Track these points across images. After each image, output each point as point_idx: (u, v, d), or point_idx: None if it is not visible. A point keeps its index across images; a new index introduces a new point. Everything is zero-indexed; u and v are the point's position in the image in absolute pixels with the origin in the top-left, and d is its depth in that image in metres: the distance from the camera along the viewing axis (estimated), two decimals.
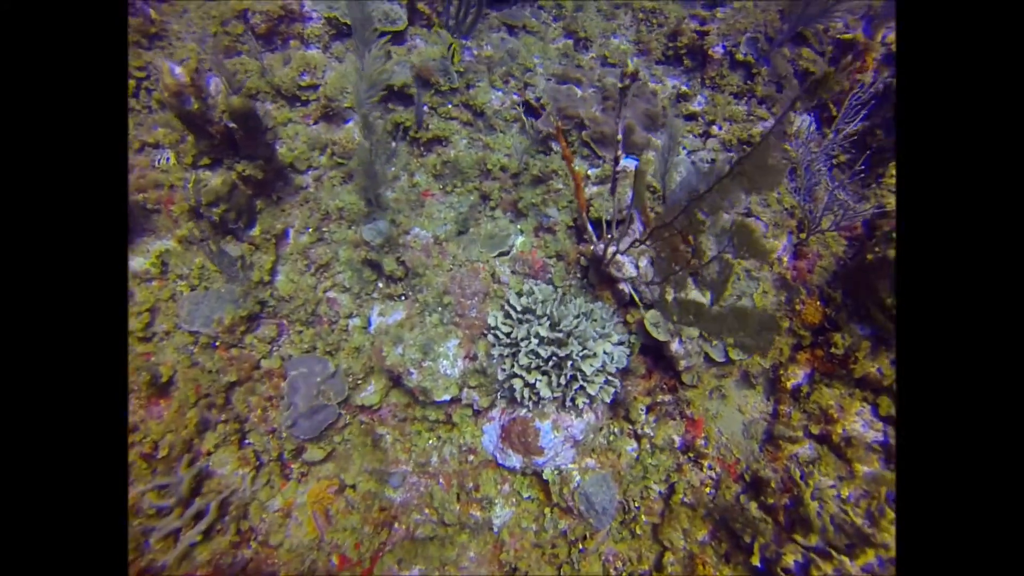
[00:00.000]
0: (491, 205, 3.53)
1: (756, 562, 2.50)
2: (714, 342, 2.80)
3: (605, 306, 2.84)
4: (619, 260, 2.75)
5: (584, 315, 2.69)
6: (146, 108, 3.67)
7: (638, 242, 2.35)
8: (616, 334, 2.72)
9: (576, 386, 2.59)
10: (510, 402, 2.81)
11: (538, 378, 2.61)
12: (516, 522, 2.86)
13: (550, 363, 2.59)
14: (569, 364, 2.55)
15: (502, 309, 2.84)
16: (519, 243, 3.23)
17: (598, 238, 3.00)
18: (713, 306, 2.04)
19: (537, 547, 2.83)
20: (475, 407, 2.89)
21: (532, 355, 2.60)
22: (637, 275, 2.78)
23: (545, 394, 2.60)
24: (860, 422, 2.69)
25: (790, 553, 2.42)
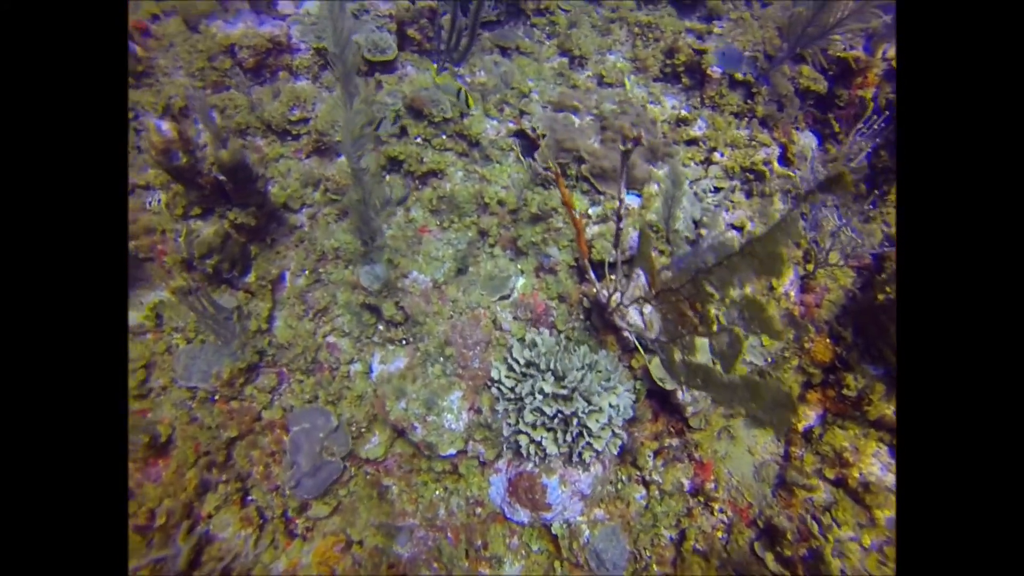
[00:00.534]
0: (490, 242, 3.45)
1: None
2: None
3: (609, 355, 2.78)
4: (623, 309, 2.68)
5: (588, 366, 2.63)
6: (135, 148, 3.59)
7: (643, 299, 2.28)
8: (621, 385, 2.66)
9: (583, 442, 2.54)
10: (516, 454, 2.76)
11: (544, 435, 2.56)
12: None
13: (556, 420, 2.54)
14: (575, 422, 2.49)
15: (505, 362, 2.78)
16: (520, 285, 3.16)
17: (600, 279, 2.94)
18: (724, 374, 1.98)
19: None
20: (481, 459, 2.84)
21: (537, 412, 2.55)
22: (643, 324, 2.71)
23: (551, 451, 2.55)
24: (878, 465, 2.64)
25: None
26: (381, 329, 3.33)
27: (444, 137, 3.81)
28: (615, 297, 2.63)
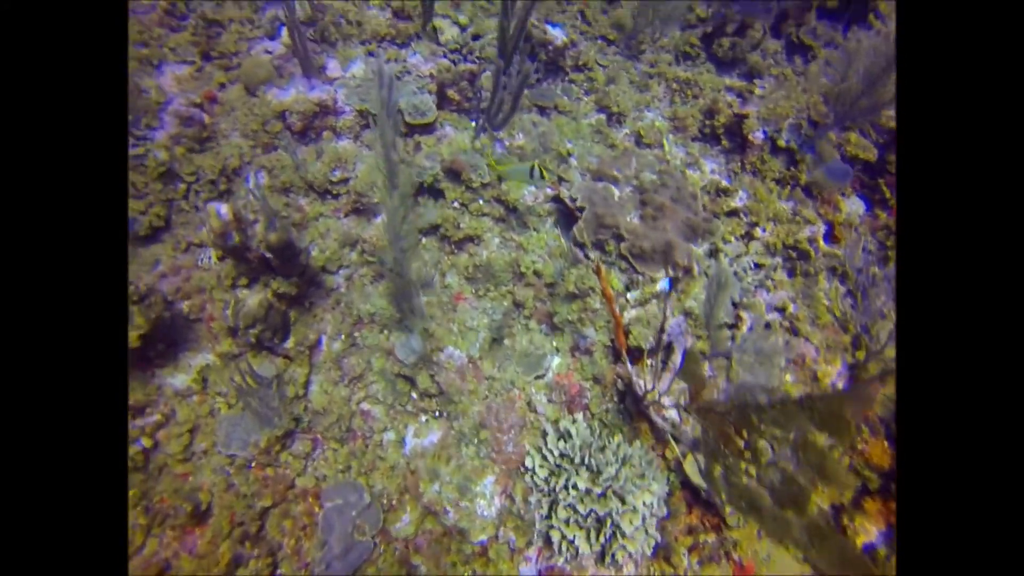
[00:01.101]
0: (525, 314, 3.45)
1: None
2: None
3: (643, 446, 2.73)
4: (660, 402, 2.64)
5: (623, 460, 2.59)
6: (193, 208, 3.73)
7: (683, 408, 2.24)
8: (656, 483, 2.61)
9: (617, 545, 2.49)
10: (547, 544, 2.73)
11: (576, 533, 2.52)
12: None
13: (589, 519, 2.50)
14: (609, 523, 2.45)
15: (539, 451, 2.76)
16: (555, 364, 3.14)
17: (634, 363, 2.90)
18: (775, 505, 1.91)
19: None
20: (511, 546, 2.82)
21: (570, 509, 2.52)
22: (679, 419, 2.66)
23: (584, 550, 2.51)
24: None
25: None
26: (415, 398, 3.35)
27: (481, 202, 3.85)
28: (651, 393, 2.59)
